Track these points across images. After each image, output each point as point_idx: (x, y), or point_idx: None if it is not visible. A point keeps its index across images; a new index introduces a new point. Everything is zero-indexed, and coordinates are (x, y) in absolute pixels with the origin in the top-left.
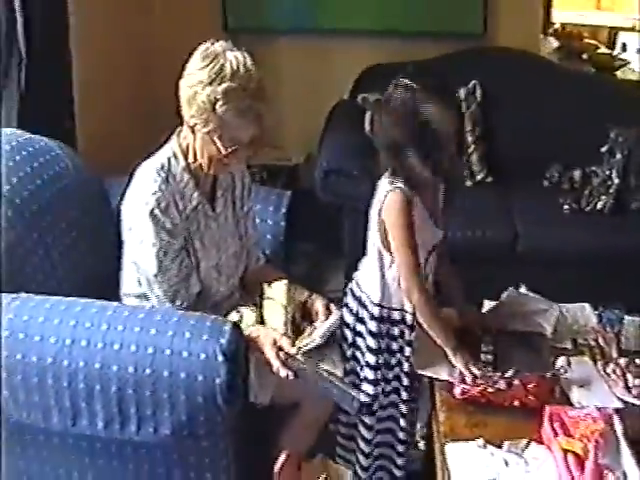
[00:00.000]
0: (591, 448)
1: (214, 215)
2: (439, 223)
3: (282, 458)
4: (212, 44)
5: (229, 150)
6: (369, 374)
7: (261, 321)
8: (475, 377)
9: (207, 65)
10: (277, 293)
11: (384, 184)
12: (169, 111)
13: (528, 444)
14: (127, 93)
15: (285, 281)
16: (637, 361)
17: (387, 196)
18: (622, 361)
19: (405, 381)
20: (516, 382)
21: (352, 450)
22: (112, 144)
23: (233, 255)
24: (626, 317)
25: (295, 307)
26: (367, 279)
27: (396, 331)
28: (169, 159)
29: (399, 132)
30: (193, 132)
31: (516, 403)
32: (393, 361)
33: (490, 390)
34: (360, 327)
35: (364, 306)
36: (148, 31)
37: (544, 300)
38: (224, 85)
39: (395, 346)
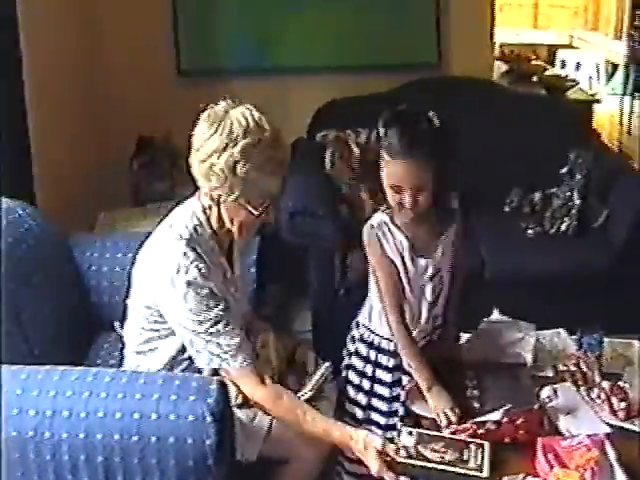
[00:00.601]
0: (588, 477)
1: (234, 279)
2: (430, 252)
3: None
4: (212, 108)
5: (261, 209)
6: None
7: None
8: (449, 422)
9: (215, 132)
10: (263, 343)
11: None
12: (121, 156)
13: (525, 479)
14: (80, 144)
15: (272, 336)
16: (620, 383)
17: (364, 230)
18: (605, 385)
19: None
20: (504, 420)
21: None
22: (68, 196)
23: (244, 316)
24: (605, 340)
25: (281, 361)
26: (375, 319)
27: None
28: (196, 228)
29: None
30: (218, 204)
31: (507, 440)
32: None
33: (480, 431)
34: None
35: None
36: (100, 78)
37: (519, 324)
38: (239, 146)
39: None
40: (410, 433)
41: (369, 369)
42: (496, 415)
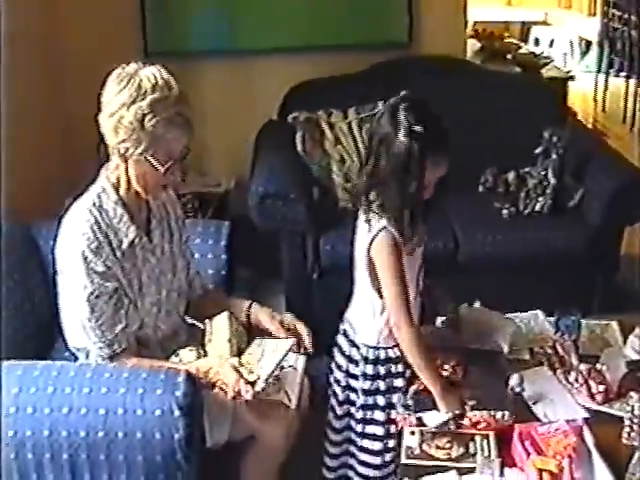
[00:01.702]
0: (565, 464)
1: (151, 247)
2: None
3: None
4: (123, 68)
5: (167, 166)
6: (379, 416)
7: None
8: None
9: (125, 87)
10: (219, 327)
11: (373, 224)
12: (87, 145)
13: (502, 463)
14: (44, 130)
15: (226, 313)
16: (598, 366)
17: (377, 236)
18: (583, 368)
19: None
20: (465, 422)
21: None
22: (32, 184)
23: (176, 290)
24: (582, 321)
25: (239, 338)
26: (360, 322)
27: (400, 368)
28: (99, 195)
29: (395, 174)
30: (125, 160)
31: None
32: (395, 398)
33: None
34: (354, 369)
35: (357, 348)
36: (65, 62)
37: (499, 315)
38: (147, 99)
39: (400, 383)
40: (412, 433)
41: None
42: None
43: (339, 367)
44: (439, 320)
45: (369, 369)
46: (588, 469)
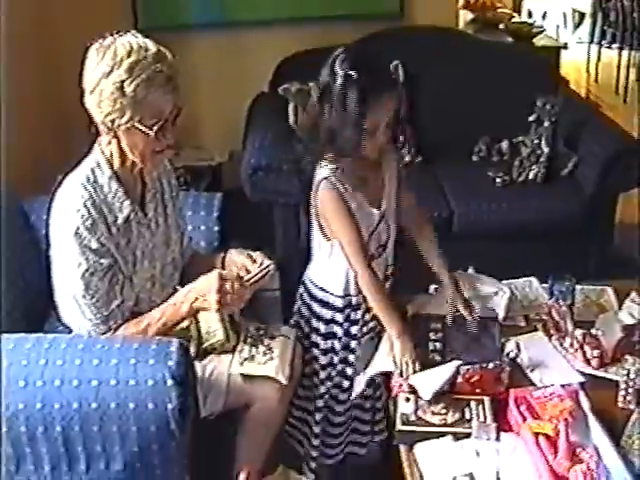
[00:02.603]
0: (561, 428)
1: (146, 221)
2: (381, 202)
3: (242, 476)
4: (99, 42)
5: (156, 129)
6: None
7: (196, 324)
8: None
9: (102, 59)
10: None
11: (317, 172)
12: (79, 117)
13: (498, 428)
14: (36, 104)
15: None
16: (593, 331)
17: (319, 186)
18: (578, 333)
19: (350, 359)
20: (459, 380)
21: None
22: (24, 159)
23: (170, 263)
24: (577, 287)
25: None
26: (314, 267)
27: (340, 317)
28: (93, 170)
29: (339, 121)
30: (115, 135)
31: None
32: (337, 345)
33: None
34: (307, 313)
35: (309, 293)
36: (54, 33)
37: (494, 282)
38: (124, 65)
39: (340, 331)
40: (407, 399)
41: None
42: (447, 371)
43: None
44: (432, 287)
45: (317, 308)
46: (584, 433)
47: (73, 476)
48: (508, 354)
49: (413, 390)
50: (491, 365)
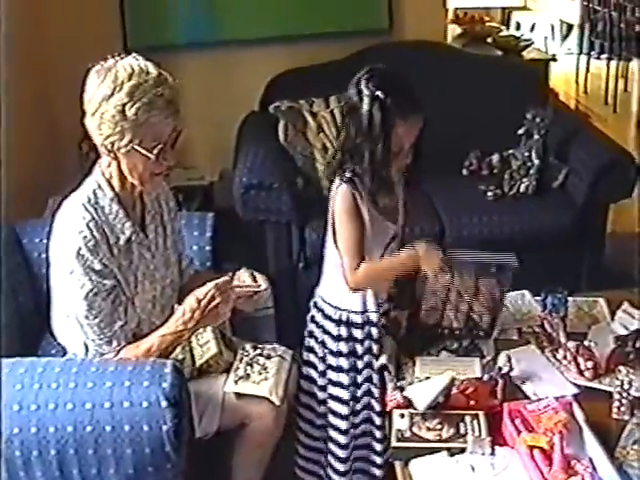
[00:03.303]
0: (556, 440)
1: (147, 243)
2: (397, 219)
3: None
4: (101, 65)
5: (156, 152)
6: (344, 379)
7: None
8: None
9: (103, 81)
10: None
11: (338, 184)
12: (69, 138)
13: (492, 442)
14: (27, 126)
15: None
16: (586, 343)
17: (337, 190)
18: (571, 345)
19: (375, 379)
20: (454, 390)
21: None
22: (15, 181)
23: (169, 285)
24: (569, 299)
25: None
26: (325, 285)
27: (359, 334)
28: (94, 191)
29: (365, 141)
30: (115, 157)
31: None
32: (360, 364)
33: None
34: (322, 335)
35: (321, 310)
36: (44, 53)
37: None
38: (125, 88)
39: (360, 349)
40: (402, 415)
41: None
42: (442, 383)
43: (310, 333)
44: None
45: (332, 328)
46: (579, 444)
47: None
48: (500, 368)
49: (408, 402)
50: (486, 377)
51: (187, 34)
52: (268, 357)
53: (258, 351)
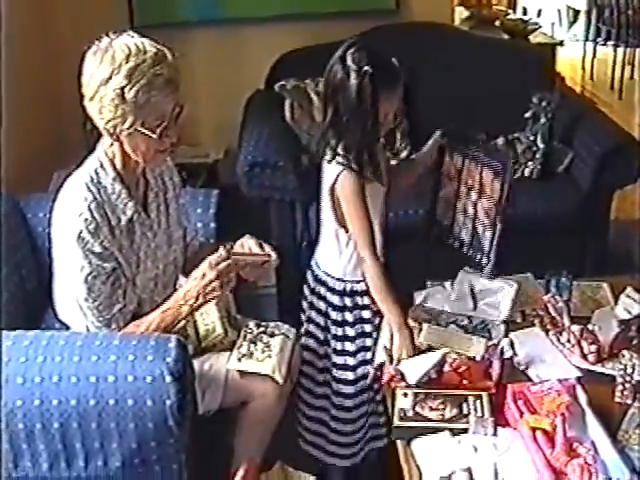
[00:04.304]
0: (558, 422)
1: (149, 222)
2: (383, 180)
3: (240, 473)
4: (96, 45)
5: (159, 131)
6: (350, 347)
7: (194, 322)
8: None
9: (100, 64)
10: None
11: (334, 165)
12: (73, 113)
13: (495, 423)
14: (31, 100)
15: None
16: (589, 327)
17: (340, 175)
18: (575, 329)
19: None
20: (446, 368)
21: (319, 446)
22: (20, 155)
23: (172, 262)
24: (573, 283)
25: (226, 299)
26: (325, 258)
27: (366, 300)
28: (97, 171)
29: (355, 115)
30: (118, 138)
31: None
32: (368, 328)
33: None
34: (321, 304)
35: (323, 283)
36: (50, 29)
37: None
38: (123, 70)
39: (367, 314)
40: (405, 395)
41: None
42: (434, 358)
43: (310, 304)
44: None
45: (336, 300)
46: (581, 427)
47: (71, 473)
48: (502, 352)
49: (401, 376)
50: (478, 357)
51: (194, 11)
52: (272, 335)
53: (262, 329)
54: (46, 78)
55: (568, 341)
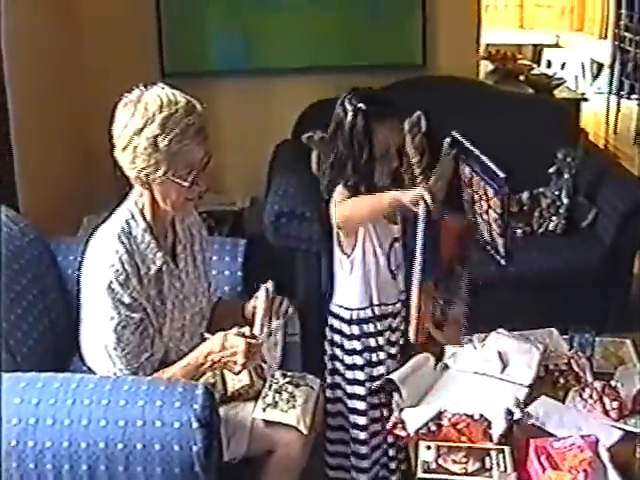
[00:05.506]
0: (580, 478)
1: (177, 272)
2: (396, 220)
3: None
4: (126, 97)
5: (190, 179)
6: (360, 375)
7: (221, 371)
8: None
9: (133, 114)
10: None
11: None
12: (105, 162)
13: (518, 478)
14: (64, 146)
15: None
16: (612, 383)
17: (335, 200)
18: (597, 385)
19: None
20: (444, 422)
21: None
22: (52, 199)
23: (198, 313)
24: (596, 339)
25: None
26: (336, 288)
27: (371, 328)
28: (127, 221)
29: (349, 151)
30: (149, 187)
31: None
32: (375, 358)
33: (422, 432)
34: (335, 337)
35: (335, 315)
36: (83, 82)
37: (526, 339)
38: (157, 120)
39: (373, 343)
40: (428, 447)
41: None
42: (433, 410)
43: (331, 342)
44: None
45: (346, 329)
46: None
47: None
48: (512, 415)
49: (403, 422)
50: (477, 416)
51: (223, 61)
52: (297, 385)
53: (287, 379)
54: (78, 124)
55: (590, 397)
